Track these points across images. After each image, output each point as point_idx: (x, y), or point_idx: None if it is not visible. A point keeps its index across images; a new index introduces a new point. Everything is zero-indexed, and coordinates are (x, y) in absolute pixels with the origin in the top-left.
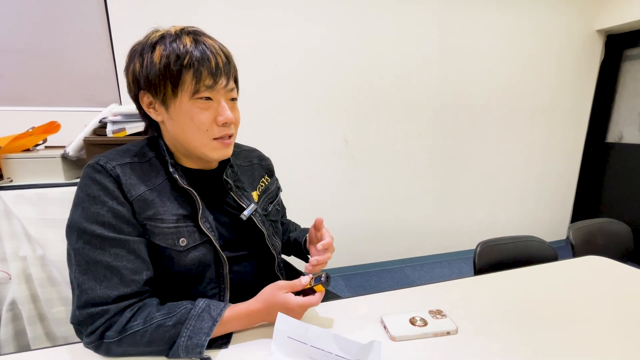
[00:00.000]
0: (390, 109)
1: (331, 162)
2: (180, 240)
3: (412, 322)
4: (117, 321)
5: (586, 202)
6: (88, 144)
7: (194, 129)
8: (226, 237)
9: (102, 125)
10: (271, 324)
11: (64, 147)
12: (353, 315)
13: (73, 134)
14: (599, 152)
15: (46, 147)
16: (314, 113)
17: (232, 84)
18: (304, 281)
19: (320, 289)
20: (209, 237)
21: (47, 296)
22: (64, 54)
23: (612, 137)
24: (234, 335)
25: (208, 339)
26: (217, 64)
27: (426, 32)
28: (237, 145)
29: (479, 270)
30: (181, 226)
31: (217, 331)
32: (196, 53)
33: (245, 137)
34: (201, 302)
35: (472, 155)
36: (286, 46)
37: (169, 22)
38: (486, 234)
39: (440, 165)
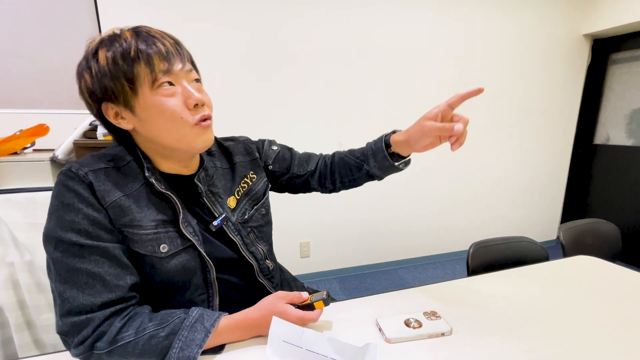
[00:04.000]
0: (383, 112)
1: None
2: (161, 247)
3: (407, 323)
4: (106, 331)
5: (575, 203)
6: (78, 147)
7: (167, 121)
8: (209, 242)
9: (93, 128)
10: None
11: (53, 150)
12: (348, 317)
13: (62, 137)
14: (587, 154)
15: (34, 150)
16: (307, 115)
17: (189, 66)
18: (304, 296)
19: (320, 306)
20: (191, 241)
21: (35, 302)
22: (53, 56)
23: (599, 138)
24: None
25: (200, 350)
26: (166, 48)
27: (418, 36)
28: (220, 142)
29: (473, 271)
30: (161, 232)
31: (211, 342)
32: (140, 43)
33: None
34: (195, 312)
35: (464, 158)
36: (278, 49)
37: (161, 24)
38: (478, 234)
39: (432, 167)
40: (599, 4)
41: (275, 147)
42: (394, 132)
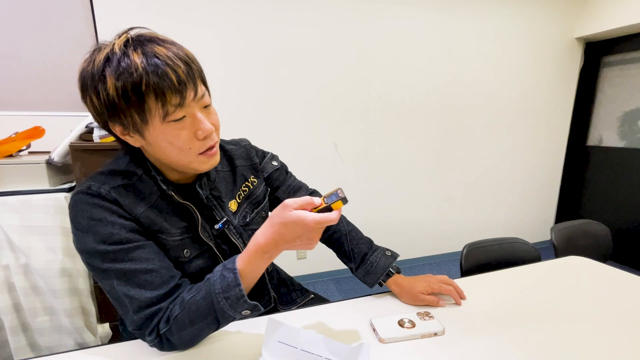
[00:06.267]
0: (379, 113)
1: (321, 166)
2: (184, 252)
3: (401, 324)
4: (165, 314)
5: (569, 204)
6: (74, 149)
7: (176, 151)
8: (220, 245)
9: (89, 130)
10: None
11: (48, 152)
12: (343, 318)
13: (58, 140)
14: (580, 155)
15: (30, 153)
16: (304, 118)
17: (201, 91)
18: (316, 201)
19: (338, 206)
20: (208, 244)
21: (31, 305)
22: (49, 58)
23: (592, 140)
24: (224, 339)
25: (242, 287)
26: (178, 77)
27: (415, 38)
28: (222, 145)
29: (466, 271)
30: (184, 238)
31: (245, 281)
32: (152, 74)
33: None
34: (217, 268)
35: (459, 159)
36: (274, 51)
37: (157, 27)
38: (473, 235)
39: (428, 168)
40: (591, 8)
41: (275, 163)
42: (398, 271)
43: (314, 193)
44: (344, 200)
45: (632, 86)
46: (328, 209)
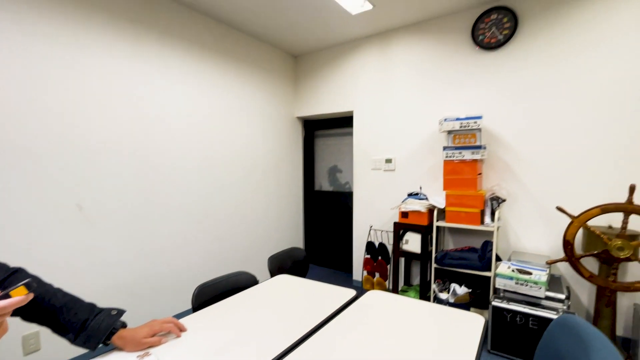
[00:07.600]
0: (130, 169)
1: (64, 231)
2: None
3: None
4: None
5: (311, 231)
6: None
7: None
8: None
9: None
10: None
11: None
12: None
13: None
14: (312, 197)
15: None
16: (31, 170)
17: None
18: None
19: (19, 293)
20: None
21: None
22: None
23: (317, 186)
24: None
25: None
26: None
27: (178, 104)
28: None
29: (197, 308)
30: None
31: None
32: None
33: None
34: None
35: (220, 210)
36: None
37: None
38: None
39: (192, 219)
40: (299, 100)
41: None
42: (124, 326)
43: (16, 272)
44: (28, 286)
45: (330, 152)
46: (7, 296)
